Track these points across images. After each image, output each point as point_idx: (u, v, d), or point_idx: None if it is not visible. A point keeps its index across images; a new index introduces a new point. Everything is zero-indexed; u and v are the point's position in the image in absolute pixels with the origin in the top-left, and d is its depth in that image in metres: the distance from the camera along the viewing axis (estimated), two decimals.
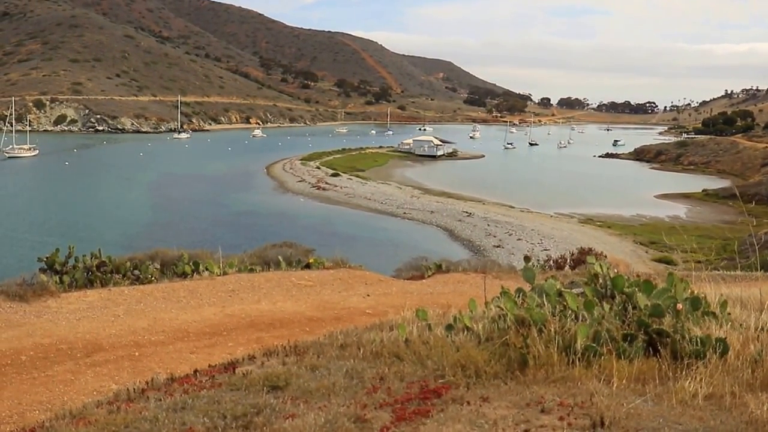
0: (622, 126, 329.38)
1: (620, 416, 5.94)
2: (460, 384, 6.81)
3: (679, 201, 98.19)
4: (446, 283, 19.70)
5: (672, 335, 7.43)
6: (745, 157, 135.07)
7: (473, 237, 66.75)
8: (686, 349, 7.23)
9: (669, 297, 8.14)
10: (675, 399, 6.32)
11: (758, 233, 69.06)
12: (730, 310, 9.03)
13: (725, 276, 20.02)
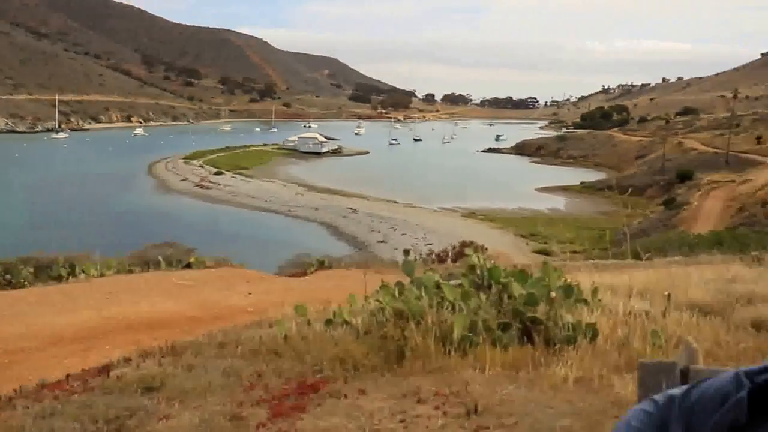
0: (504, 121, 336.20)
1: (493, 403, 6.05)
2: (338, 378, 6.79)
3: (559, 193, 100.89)
4: (329, 278, 19.69)
5: (545, 323, 7.63)
6: (621, 150, 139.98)
7: (358, 233, 66.92)
8: (558, 336, 7.43)
9: (543, 286, 8.34)
10: (546, 384, 6.48)
11: (632, 223, 71.82)
12: (601, 297, 9.34)
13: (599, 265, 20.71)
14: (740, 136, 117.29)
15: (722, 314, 8.51)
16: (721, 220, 62.25)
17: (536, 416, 5.77)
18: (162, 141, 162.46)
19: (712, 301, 9.10)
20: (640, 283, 11.76)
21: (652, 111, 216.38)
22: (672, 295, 8.80)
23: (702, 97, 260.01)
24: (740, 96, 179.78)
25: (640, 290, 10.47)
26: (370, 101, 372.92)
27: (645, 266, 18.25)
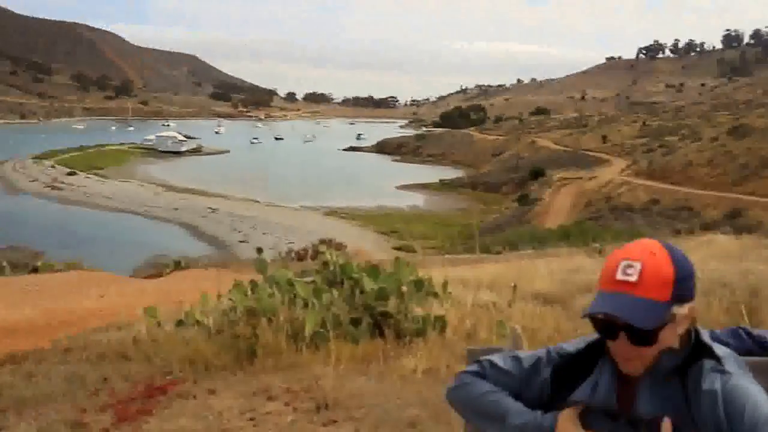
0: (365, 120, 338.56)
1: (344, 397, 6.11)
2: (188, 379, 6.69)
3: (419, 191, 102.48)
4: (185, 279, 19.32)
5: (396, 316, 7.75)
6: (478, 148, 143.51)
7: (218, 233, 65.94)
8: (408, 328, 7.58)
9: (394, 280, 8.46)
10: (396, 376, 6.60)
11: (487, 218, 73.90)
12: (452, 290, 9.58)
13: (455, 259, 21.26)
14: (587, 135, 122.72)
15: (563, 303, 8.89)
16: (571, 214, 64.92)
17: (385, 407, 5.87)
18: (10, 140, 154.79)
19: (556, 291, 9.49)
20: (491, 275, 12.14)
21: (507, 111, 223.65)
22: (518, 287, 9.13)
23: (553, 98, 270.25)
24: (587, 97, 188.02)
25: (489, 283, 10.80)
26: (231, 100, 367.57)
27: (497, 260, 18.84)
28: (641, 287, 1.85)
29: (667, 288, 1.85)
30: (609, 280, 1.90)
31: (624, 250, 1.92)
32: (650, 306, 1.84)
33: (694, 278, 1.94)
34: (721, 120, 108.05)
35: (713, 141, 79.00)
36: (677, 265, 1.88)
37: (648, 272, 1.85)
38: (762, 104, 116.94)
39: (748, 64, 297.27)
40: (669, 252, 1.90)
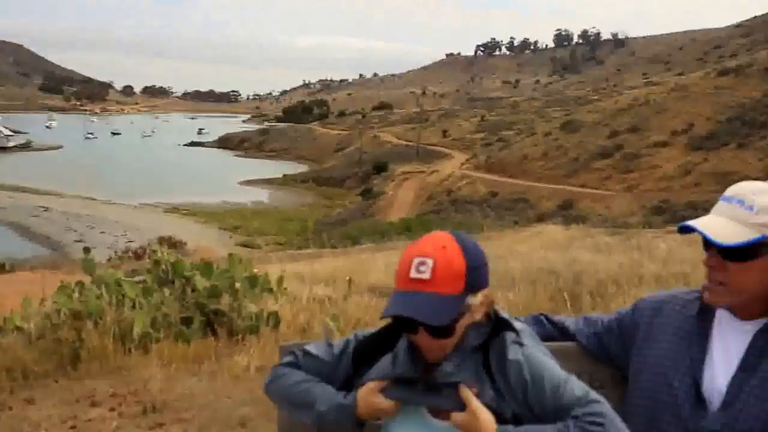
0: (207, 114, 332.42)
1: (173, 398, 5.94)
2: (4, 389, 6.31)
3: (262, 186, 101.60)
4: (10, 283, 18.29)
5: (228, 314, 7.61)
6: (321, 143, 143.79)
7: (51, 233, 62.94)
8: (241, 326, 7.45)
9: (228, 277, 8.31)
10: (228, 375, 6.48)
11: (332, 213, 74.25)
12: (288, 285, 9.51)
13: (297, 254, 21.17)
14: (429, 130, 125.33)
15: None
16: (413, 208, 66.19)
17: (215, 407, 5.75)
18: None
19: (391, 283, 9.57)
20: (329, 270, 12.16)
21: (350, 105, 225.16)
22: (355, 280, 9.18)
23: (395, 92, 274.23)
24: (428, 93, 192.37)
25: (327, 277, 10.82)
26: (63, 93, 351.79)
27: (339, 254, 18.92)
28: (434, 284, 1.87)
29: (459, 281, 1.89)
30: (403, 278, 1.92)
31: (416, 246, 1.93)
32: (444, 301, 1.87)
33: (487, 266, 1.98)
34: (554, 115, 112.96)
35: (547, 135, 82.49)
36: (468, 257, 1.91)
37: (440, 268, 1.87)
38: (591, 100, 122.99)
39: (577, 62, 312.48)
40: (460, 244, 1.92)
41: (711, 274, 2.04)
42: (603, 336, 2.34)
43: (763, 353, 1.98)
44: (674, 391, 2.07)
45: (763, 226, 1.95)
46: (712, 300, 2.05)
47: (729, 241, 1.95)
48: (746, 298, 2.01)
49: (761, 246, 1.95)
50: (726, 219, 1.99)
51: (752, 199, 1.97)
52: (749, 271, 1.97)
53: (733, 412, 1.96)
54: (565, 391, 1.89)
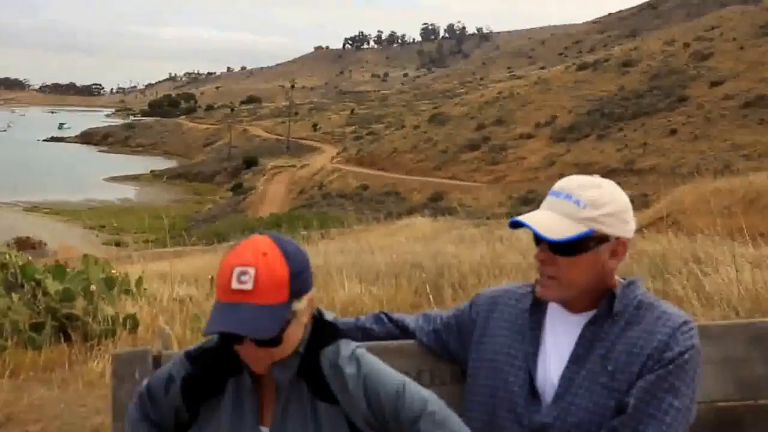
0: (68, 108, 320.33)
1: (20, 410, 5.64)
2: None
3: (129, 183, 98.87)
4: None
5: (82, 318, 7.30)
6: (189, 138, 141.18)
7: None
8: (97, 330, 7.16)
9: (82, 279, 7.98)
10: (82, 382, 6.20)
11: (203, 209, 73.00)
12: (149, 285, 9.24)
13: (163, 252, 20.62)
14: (299, 124, 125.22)
15: None
16: (285, 202, 65.88)
17: (66, 418, 5.49)
18: None
19: None
20: (195, 268, 11.90)
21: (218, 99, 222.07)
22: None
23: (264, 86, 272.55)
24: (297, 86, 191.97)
25: (191, 275, 10.57)
26: None
27: (207, 251, 18.60)
28: (258, 294, 1.80)
29: (283, 289, 1.83)
30: (225, 289, 1.82)
31: (236, 255, 1.84)
32: (269, 312, 1.81)
33: (309, 270, 1.93)
34: (422, 108, 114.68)
35: (416, 128, 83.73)
36: (291, 263, 1.85)
37: (263, 277, 1.80)
38: (458, 94, 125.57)
39: (444, 56, 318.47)
40: (281, 249, 1.86)
41: (542, 268, 2.07)
42: (442, 333, 2.35)
43: (591, 345, 2.03)
44: (510, 386, 2.09)
45: (590, 220, 1.98)
46: (544, 294, 2.08)
47: (558, 236, 1.97)
48: (576, 292, 2.04)
49: (589, 240, 1.99)
50: (555, 214, 2.02)
51: (579, 194, 2.01)
52: (578, 265, 2.01)
53: (564, 404, 2.00)
54: (403, 407, 1.91)
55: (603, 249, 2.02)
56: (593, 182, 2.06)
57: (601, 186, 2.05)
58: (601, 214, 1.99)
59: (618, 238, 2.03)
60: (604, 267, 2.03)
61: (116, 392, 2.38)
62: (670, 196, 16.71)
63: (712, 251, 8.08)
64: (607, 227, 2.00)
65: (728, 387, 2.30)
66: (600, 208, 1.99)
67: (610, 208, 2.01)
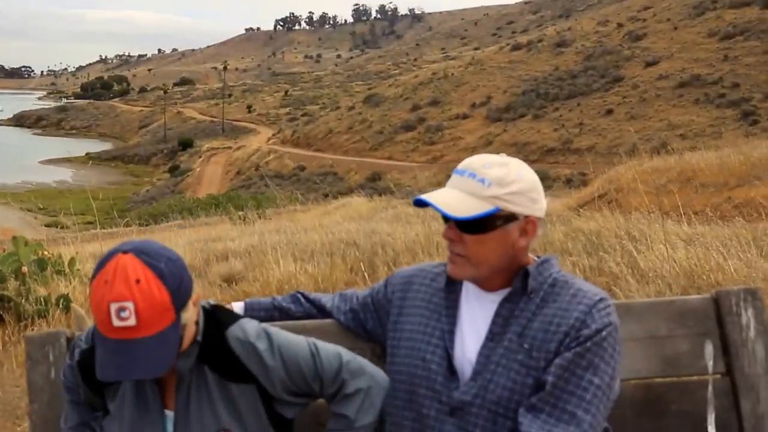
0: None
1: None
2: None
3: (65, 165, 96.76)
4: None
5: (14, 299, 7.25)
6: (124, 120, 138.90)
7: None
8: (30, 311, 7.13)
9: (13, 261, 7.91)
10: (16, 362, 6.20)
11: (140, 191, 71.93)
12: (83, 266, 9.17)
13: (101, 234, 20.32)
14: (233, 105, 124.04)
15: (198, 271, 8.89)
16: (223, 183, 65.28)
17: (1, 398, 5.49)
18: None
19: (191, 261, 9.44)
20: None
21: (151, 81, 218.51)
22: None
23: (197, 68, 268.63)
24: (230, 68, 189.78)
25: None
26: None
27: (144, 232, 18.42)
28: (143, 327, 1.70)
29: (168, 312, 1.74)
30: (107, 326, 1.70)
31: (106, 288, 1.69)
32: (162, 340, 1.74)
33: (186, 273, 1.83)
34: (356, 89, 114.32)
35: (351, 110, 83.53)
36: (167, 282, 1.73)
37: (144, 309, 1.68)
38: (392, 75, 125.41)
39: (377, 37, 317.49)
40: (153, 270, 1.72)
41: (450, 246, 2.06)
42: (359, 312, 2.36)
43: (507, 322, 2.03)
44: (428, 364, 2.09)
45: (495, 198, 1.97)
46: (455, 273, 2.08)
47: (463, 215, 1.97)
48: (487, 270, 2.05)
49: (496, 219, 1.99)
50: (460, 192, 2.01)
51: (484, 172, 2.00)
52: (486, 243, 2.01)
53: (483, 381, 2.00)
54: (322, 365, 1.99)
55: (511, 228, 2.01)
56: (499, 161, 2.05)
57: (507, 165, 2.02)
58: (507, 192, 1.98)
59: (527, 216, 2.02)
60: (514, 246, 2.03)
61: (31, 374, 2.34)
62: (607, 175, 16.87)
63: (646, 229, 8.27)
64: (514, 206, 1.99)
65: (652, 363, 2.30)
66: (506, 187, 1.98)
67: (516, 187, 1.99)
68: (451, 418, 2.03)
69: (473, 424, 2.00)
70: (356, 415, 2.02)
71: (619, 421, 2.19)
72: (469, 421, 2.01)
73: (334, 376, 2.00)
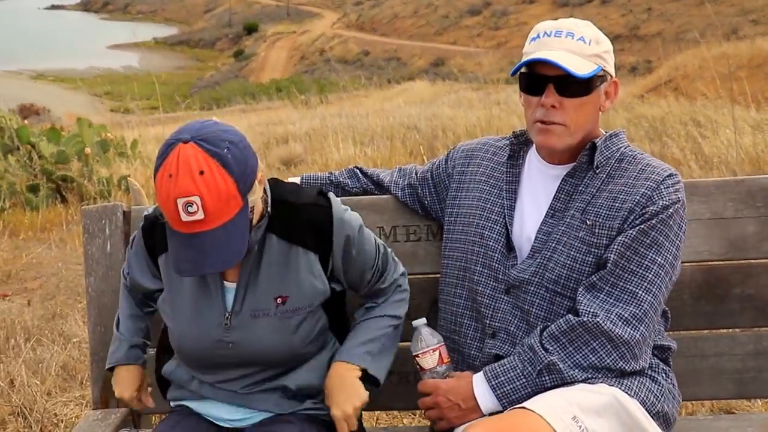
0: None
1: (19, 268, 5.80)
2: None
3: (132, 50, 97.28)
4: None
5: (77, 179, 7.37)
6: (189, 4, 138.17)
7: None
8: (92, 191, 7.25)
9: (77, 143, 8.02)
10: (78, 241, 6.31)
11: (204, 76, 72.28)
12: (145, 149, 9.28)
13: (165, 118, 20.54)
14: None
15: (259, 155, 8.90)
16: (286, 68, 65.05)
17: (63, 275, 5.63)
18: None
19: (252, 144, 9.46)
20: None
21: None
22: None
23: None
24: None
25: None
26: None
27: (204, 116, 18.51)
28: (212, 219, 1.67)
29: (235, 199, 1.69)
30: (176, 221, 1.68)
31: (171, 183, 1.64)
32: (232, 228, 1.70)
33: (250, 153, 1.76)
34: None
35: None
36: (232, 169, 1.67)
37: (211, 202, 1.65)
38: None
39: None
40: (216, 159, 1.66)
41: (547, 115, 1.90)
42: (417, 187, 2.26)
43: (570, 198, 1.94)
44: (485, 241, 2.01)
45: (597, 56, 1.88)
46: (552, 143, 1.92)
47: (582, 72, 1.84)
48: (581, 137, 1.93)
49: (596, 79, 1.88)
50: (564, 53, 1.87)
51: (581, 32, 1.89)
52: (584, 108, 1.90)
53: (542, 259, 1.92)
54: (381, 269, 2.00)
55: (602, 88, 1.92)
56: (582, 22, 1.95)
57: (589, 25, 1.94)
58: (605, 50, 1.90)
59: (612, 76, 1.94)
60: (600, 109, 1.94)
61: (88, 247, 2.33)
62: (673, 61, 16.41)
63: (713, 115, 8.02)
64: (608, 65, 1.91)
65: (716, 245, 2.19)
66: (602, 45, 1.90)
67: (607, 46, 1.92)
68: (507, 297, 1.96)
69: (530, 302, 1.93)
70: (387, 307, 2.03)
71: (676, 302, 2.11)
72: (525, 300, 1.94)
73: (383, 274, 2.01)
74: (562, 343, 1.82)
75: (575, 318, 1.83)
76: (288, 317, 1.87)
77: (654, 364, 1.91)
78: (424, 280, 2.25)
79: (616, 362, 1.80)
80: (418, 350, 1.92)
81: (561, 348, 1.82)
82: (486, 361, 1.95)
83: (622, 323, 1.80)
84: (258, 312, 1.88)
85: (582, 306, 1.83)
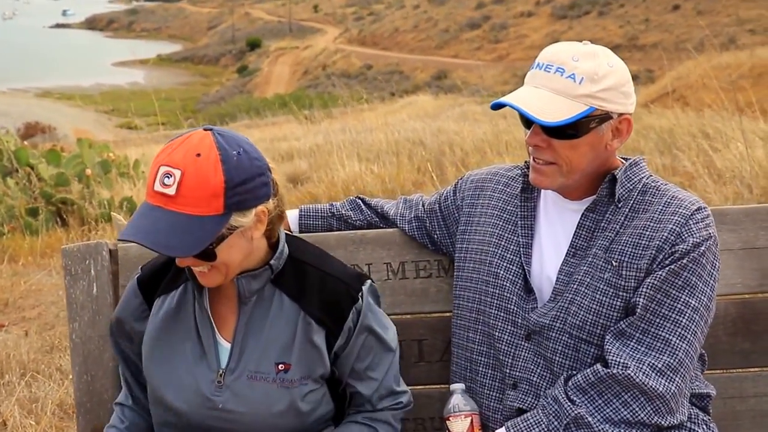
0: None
1: (17, 296, 5.66)
2: None
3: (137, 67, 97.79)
4: None
5: (77, 202, 7.24)
6: (193, 21, 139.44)
7: None
8: (93, 214, 7.12)
9: (77, 164, 7.90)
10: None
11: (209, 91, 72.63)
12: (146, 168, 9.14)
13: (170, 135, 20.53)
14: (300, 5, 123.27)
15: None
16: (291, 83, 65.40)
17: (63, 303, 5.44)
18: None
19: None
20: None
21: None
22: None
23: None
24: None
25: None
26: None
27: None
28: (180, 202, 1.54)
29: (216, 200, 1.55)
30: (149, 190, 1.57)
31: (166, 152, 1.57)
32: (192, 224, 1.55)
33: (264, 176, 1.64)
34: None
35: (416, 8, 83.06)
36: (229, 170, 1.56)
37: (188, 183, 1.53)
38: None
39: None
40: (221, 152, 1.56)
41: (536, 153, 1.78)
42: (425, 220, 2.12)
43: (592, 235, 1.78)
44: (500, 282, 1.86)
45: (588, 96, 1.69)
46: (541, 183, 1.80)
47: (556, 119, 1.68)
48: (577, 179, 1.78)
49: (590, 120, 1.71)
50: (546, 91, 1.72)
51: (573, 66, 1.70)
52: (578, 149, 1.73)
53: (564, 302, 1.77)
54: (384, 378, 1.82)
55: (605, 128, 1.74)
56: (587, 50, 1.75)
57: (596, 55, 1.74)
58: (601, 88, 1.70)
59: (621, 114, 1.75)
60: (606, 148, 1.76)
61: (70, 290, 2.14)
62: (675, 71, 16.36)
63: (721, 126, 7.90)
64: (608, 104, 1.71)
65: (749, 276, 2.04)
66: (599, 82, 1.69)
67: (610, 81, 1.71)
68: (527, 343, 1.81)
69: (552, 350, 1.77)
70: None
71: (710, 340, 1.93)
72: (548, 347, 1.78)
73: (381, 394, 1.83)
74: (590, 396, 1.67)
75: (603, 369, 1.67)
76: (287, 386, 1.71)
77: (693, 415, 1.75)
78: (437, 319, 2.11)
79: (651, 417, 1.64)
80: (450, 413, 1.77)
81: (589, 401, 1.66)
82: (508, 414, 1.80)
83: (656, 374, 1.64)
84: (256, 375, 1.71)
85: (611, 356, 1.68)
